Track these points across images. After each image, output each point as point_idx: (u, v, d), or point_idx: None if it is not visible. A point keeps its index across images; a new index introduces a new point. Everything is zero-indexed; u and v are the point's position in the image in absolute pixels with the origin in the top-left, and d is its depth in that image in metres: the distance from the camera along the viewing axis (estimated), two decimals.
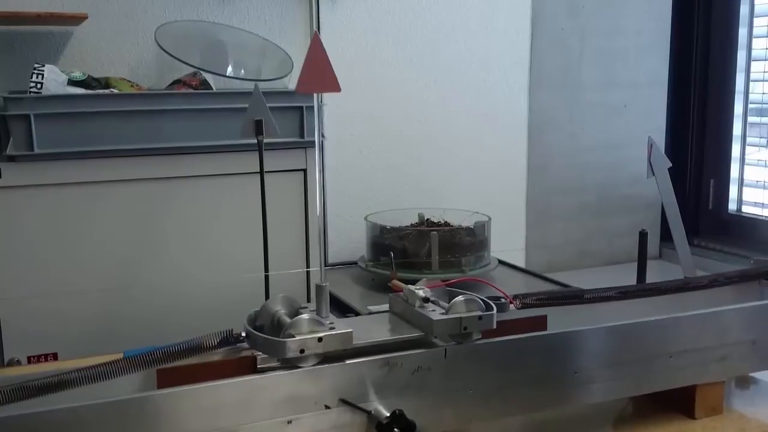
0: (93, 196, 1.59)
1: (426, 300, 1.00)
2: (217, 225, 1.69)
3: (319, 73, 0.96)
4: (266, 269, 1.39)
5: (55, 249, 1.57)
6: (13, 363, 1.52)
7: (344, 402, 0.90)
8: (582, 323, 1.05)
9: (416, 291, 1.01)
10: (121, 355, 0.91)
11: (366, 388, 0.91)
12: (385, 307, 1.71)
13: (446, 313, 0.96)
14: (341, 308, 1.74)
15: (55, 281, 1.57)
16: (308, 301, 1.02)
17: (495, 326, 0.98)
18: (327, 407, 0.89)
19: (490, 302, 0.99)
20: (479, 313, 0.97)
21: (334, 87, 0.96)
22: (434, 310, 0.98)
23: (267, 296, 1.37)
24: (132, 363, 0.87)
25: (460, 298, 0.97)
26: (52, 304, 1.56)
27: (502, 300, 1.06)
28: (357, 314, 1.66)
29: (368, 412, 0.90)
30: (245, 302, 1.17)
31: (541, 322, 1.07)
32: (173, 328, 1.35)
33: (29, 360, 1.55)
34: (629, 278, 1.54)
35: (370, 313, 1.63)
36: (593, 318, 1.08)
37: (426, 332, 0.97)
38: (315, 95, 1.01)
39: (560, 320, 1.09)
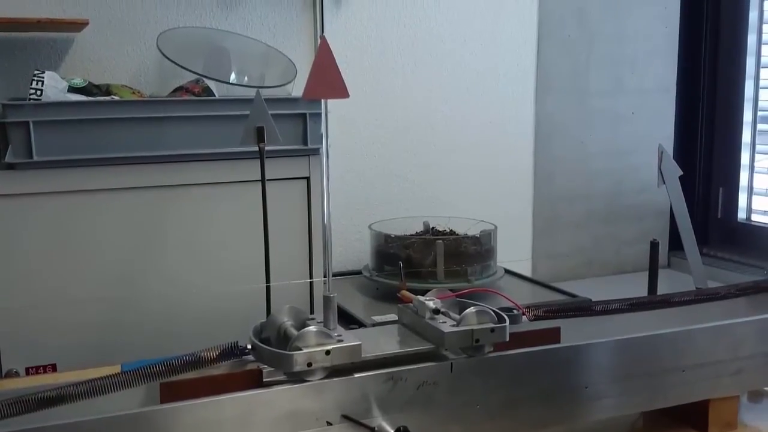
0: (93, 204, 1.57)
1: (436, 311, 0.97)
2: (218, 234, 1.67)
3: (327, 79, 0.94)
4: (268, 279, 1.36)
5: (54, 258, 1.55)
6: (11, 374, 1.50)
7: (347, 418, 0.88)
8: (591, 336, 1.03)
9: (426, 302, 0.98)
10: (119, 367, 0.89)
11: (369, 404, 0.89)
12: (390, 317, 1.68)
13: (457, 325, 0.94)
14: (345, 318, 1.71)
15: (53, 291, 1.55)
16: (312, 312, 1.00)
17: (508, 339, 0.95)
18: (329, 423, 0.87)
19: (503, 314, 0.96)
20: (491, 325, 0.94)
21: (342, 93, 0.94)
22: (445, 322, 0.95)
23: (269, 307, 1.34)
24: (134, 376, 0.84)
25: (471, 309, 0.95)
26: (51, 315, 1.54)
27: (515, 312, 1.04)
28: (361, 325, 1.64)
29: (372, 429, 0.88)
30: (247, 313, 1.15)
31: (554, 335, 1.04)
32: (174, 338, 1.34)
33: (27, 371, 1.53)
34: (638, 288, 1.51)
35: (375, 324, 1.61)
36: (602, 330, 1.06)
37: (437, 345, 0.94)
38: (322, 101, 0.99)
39: (568, 333, 1.06)
